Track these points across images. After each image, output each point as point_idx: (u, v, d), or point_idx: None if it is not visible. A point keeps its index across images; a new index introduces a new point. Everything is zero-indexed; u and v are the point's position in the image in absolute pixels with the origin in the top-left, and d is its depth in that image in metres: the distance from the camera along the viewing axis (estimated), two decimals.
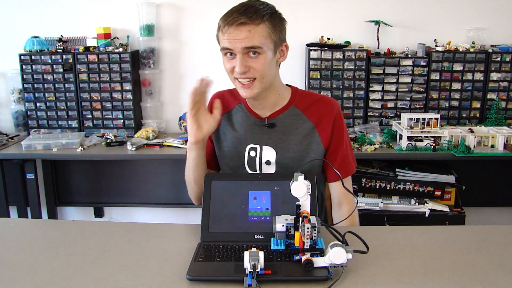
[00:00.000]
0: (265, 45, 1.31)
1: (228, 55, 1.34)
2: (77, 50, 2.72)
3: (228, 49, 1.32)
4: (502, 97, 2.69)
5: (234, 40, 1.29)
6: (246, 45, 1.29)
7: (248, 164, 1.48)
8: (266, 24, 1.31)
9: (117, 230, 1.35)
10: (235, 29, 1.28)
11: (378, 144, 2.49)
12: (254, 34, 1.29)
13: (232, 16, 1.29)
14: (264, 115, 1.47)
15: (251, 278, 1.00)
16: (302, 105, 1.47)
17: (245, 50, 1.30)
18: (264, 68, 1.33)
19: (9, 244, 1.26)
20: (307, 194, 1.11)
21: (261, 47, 1.30)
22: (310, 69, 2.69)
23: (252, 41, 1.29)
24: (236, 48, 1.30)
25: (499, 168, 2.79)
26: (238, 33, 1.28)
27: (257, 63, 1.32)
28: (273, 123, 1.46)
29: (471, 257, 1.16)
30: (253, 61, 1.32)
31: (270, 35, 1.32)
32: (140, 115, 2.90)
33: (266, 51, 1.32)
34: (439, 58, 2.66)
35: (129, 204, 3.07)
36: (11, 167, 2.62)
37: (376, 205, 2.44)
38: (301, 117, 1.46)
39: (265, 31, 1.31)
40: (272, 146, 1.46)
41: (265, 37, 1.31)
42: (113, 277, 1.07)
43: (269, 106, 1.46)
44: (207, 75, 1.36)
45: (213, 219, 1.24)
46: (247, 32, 1.28)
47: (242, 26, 1.28)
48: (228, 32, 1.29)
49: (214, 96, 1.54)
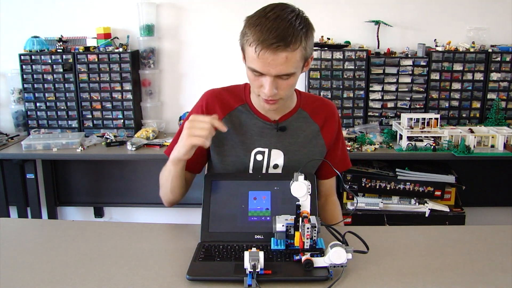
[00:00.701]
0: (298, 68, 1.24)
1: (255, 73, 1.24)
2: (77, 50, 2.72)
3: (259, 72, 1.22)
4: (502, 97, 2.69)
5: (268, 65, 1.19)
6: (281, 73, 1.20)
7: (253, 168, 1.42)
8: (302, 45, 1.20)
9: (117, 230, 1.34)
10: (271, 54, 1.17)
11: (378, 144, 2.49)
12: (290, 60, 1.19)
13: (268, 37, 1.16)
14: (272, 118, 1.43)
15: (251, 278, 1.00)
16: (308, 108, 1.47)
17: (278, 75, 1.22)
18: (291, 88, 1.29)
19: (9, 244, 1.26)
20: (307, 194, 1.11)
21: (295, 73, 1.24)
22: (310, 69, 2.69)
23: (288, 68, 1.20)
24: (270, 72, 1.20)
25: (499, 168, 2.79)
26: (274, 58, 1.17)
27: (286, 85, 1.25)
28: (284, 126, 1.42)
29: (471, 257, 1.16)
30: (283, 83, 1.24)
31: (303, 56, 1.23)
32: (140, 115, 2.90)
33: (297, 72, 1.25)
34: (439, 58, 2.66)
35: (129, 204, 3.07)
36: (11, 167, 2.62)
37: (376, 205, 2.44)
38: (308, 120, 1.46)
39: (300, 54, 1.21)
40: (282, 150, 1.42)
41: (299, 60, 1.22)
42: (113, 277, 1.07)
43: (281, 110, 1.43)
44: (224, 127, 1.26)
45: (213, 219, 1.24)
46: (283, 58, 1.17)
47: (279, 52, 1.17)
48: (264, 56, 1.17)
49: (208, 95, 1.45)
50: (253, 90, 1.33)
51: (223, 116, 1.42)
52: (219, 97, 1.44)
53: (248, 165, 1.42)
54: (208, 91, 1.47)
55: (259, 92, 1.28)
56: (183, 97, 2.95)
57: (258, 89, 1.27)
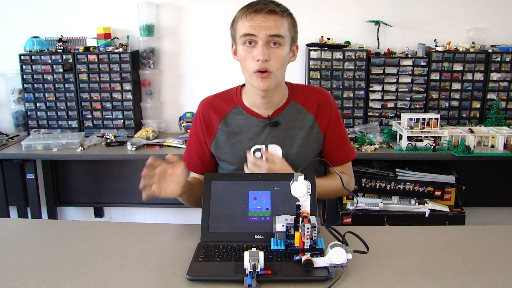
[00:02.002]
0: (286, 37, 1.34)
1: (247, 44, 1.33)
2: (77, 50, 2.72)
3: (251, 35, 1.31)
4: (502, 97, 2.69)
5: (259, 26, 1.30)
6: (272, 33, 1.30)
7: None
8: (288, 19, 1.35)
9: (117, 230, 1.35)
10: (262, 16, 1.30)
11: (378, 144, 2.49)
12: (279, 23, 1.31)
13: (258, 4, 1.31)
14: (265, 114, 1.46)
15: (251, 278, 1.00)
16: (300, 98, 1.49)
17: (269, 38, 1.31)
18: (281, 61, 1.34)
19: (9, 244, 1.26)
20: (307, 194, 1.11)
21: (284, 37, 1.33)
22: (310, 69, 2.69)
23: (278, 29, 1.31)
24: (261, 34, 1.30)
25: (499, 168, 2.79)
26: (264, 20, 1.30)
27: (276, 54, 1.32)
28: (276, 121, 1.46)
29: (471, 257, 1.16)
30: (273, 52, 1.32)
31: (290, 30, 1.36)
32: (140, 115, 2.90)
33: (285, 44, 1.34)
34: (439, 58, 2.66)
35: (129, 204, 3.07)
36: (11, 167, 2.62)
37: (376, 205, 2.44)
38: (302, 110, 1.48)
39: (287, 25, 1.34)
40: (278, 144, 1.45)
41: (287, 30, 1.34)
42: (113, 277, 1.07)
43: (274, 104, 1.46)
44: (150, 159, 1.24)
45: (213, 219, 1.24)
46: (273, 21, 1.31)
47: (269, 15, 1.30)
48: (254, 18, 1.30)
49: (202, 105, 1.52)
50: (245, 71, 1.37)
51: (218, 122, 1.48)
52: (212, 105, 1.50)
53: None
54: (202, 101, 1.54)
55: (253, 67, 1.32)
56: (183, 97, 2.95)
57: (251, 62, 1.33)
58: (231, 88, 1.53)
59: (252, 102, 1.47)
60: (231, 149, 1.47)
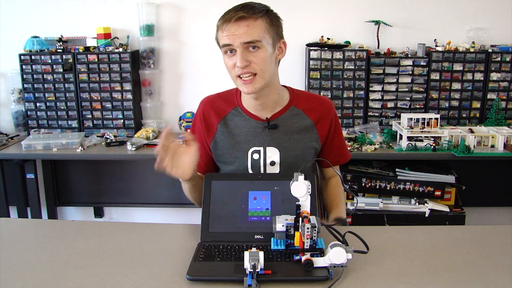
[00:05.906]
0: (264, 39, 1.32)
1: (228, 52, 1.34)
2: (77, 50, 2.72)
3: (228, 45, 1.32)
4: (502, 97, 2.69)
5: (233, 35, 1.30)
6: (245, 40, 1.29)
7: (251, 167, 1.47)
8: (264, 19, 1.33)
9: (117, 230, 1.35)
10: (234, 24, 1.30)
11: (378, 144, 2.49)
12: (252, 28, 1.30)
13: (229, 13, 1.31)
14: (264, 116, 1.47)
15: (251, 278, 1.00)
16: (301, 105, 1.49)
17: (245, 45, 1.30)
18: (264, 62, 1.33)
19: (9, 244, 1.26)
20: (307, 194, 1.11)
21: (260, 41, 1.31)
22: (310, 69, 2.69)
23: (251, 35, 1.30)
24: (236, 43, 1.30)
25: (499, 168, 2.79)
26: (237, 28, 1.30)
27: (257, 57, 1.32)
28: (275, 124, 1.46)
29: (471, 257, 1.16)
30: (253, 56, 1.32)
31: (268, 29, 1.33)
32: (140, 115, 2.90)
33: (265, 45, 1.33)
34: (439, 58, 2.66)
35: (129, 204, 3.07)
36: (11, 167, 2.62)
37: (376, 205, 2.44)
38: (302, 116, 1.48)
39: (263, 26, 1.32)
40: (276, 147, 1.46)
41: (263, 31, 1.32)
42: (113, 277, 1.07)
43: (270, 106, 1.46)
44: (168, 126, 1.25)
45: (213, 219, 1.24)
46: (245, 27, 1.30)
47: (240, 21, 1.30)
48: (227, 28, 1.30)
49: (203, 104, 1.53)
50: (232, 77, 1.39)
51: (218, 122, 1.49)
52: (213, 104, 1.51)
53: (247, 164, 1.46)
54: (203, 99, 1.55)
55: (236, 73, 1.34)
56: (183, 97, 2.95)
57: (234, 70, 1.34)
58: (232, 89, 1.53)
59: (249, 104, 1.48)
60: (229, 150, 1.48)
